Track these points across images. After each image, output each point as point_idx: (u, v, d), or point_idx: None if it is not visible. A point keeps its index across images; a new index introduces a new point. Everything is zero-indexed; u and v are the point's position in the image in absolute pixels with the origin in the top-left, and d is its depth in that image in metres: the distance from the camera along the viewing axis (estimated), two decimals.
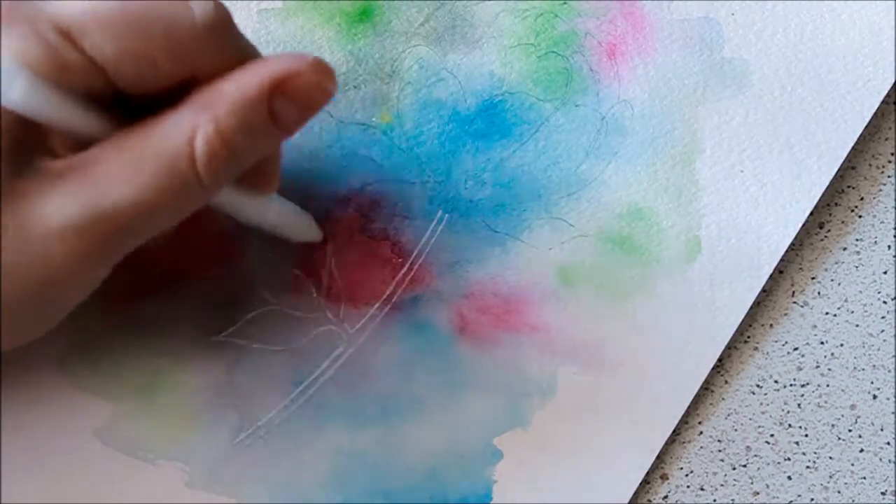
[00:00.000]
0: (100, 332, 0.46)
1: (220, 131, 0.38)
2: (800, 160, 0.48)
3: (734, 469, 0.46)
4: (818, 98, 0.48)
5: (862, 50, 0.49)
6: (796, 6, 0.49)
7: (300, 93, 0.39)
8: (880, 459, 0.46)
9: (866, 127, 0.48)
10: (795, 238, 0.47)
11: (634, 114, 0.48)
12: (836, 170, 0.48)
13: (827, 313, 0.48)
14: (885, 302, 0.48)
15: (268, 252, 0.46)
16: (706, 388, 0.46)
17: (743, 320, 0.46)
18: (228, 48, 0.39)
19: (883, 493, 0.46)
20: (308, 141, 0.47)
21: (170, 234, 0.44)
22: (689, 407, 0.46)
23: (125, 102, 0.39)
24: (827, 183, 0.48)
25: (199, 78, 0.39)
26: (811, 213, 0.47)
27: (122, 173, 0.37)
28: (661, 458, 0.45)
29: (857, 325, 0.47)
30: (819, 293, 0.48)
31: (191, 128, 0.38)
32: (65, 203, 0.37)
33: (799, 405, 0.47)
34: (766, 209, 0.47)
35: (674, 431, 0.46)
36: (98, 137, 0.38)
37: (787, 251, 0.47)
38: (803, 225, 0.47)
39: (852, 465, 0.46)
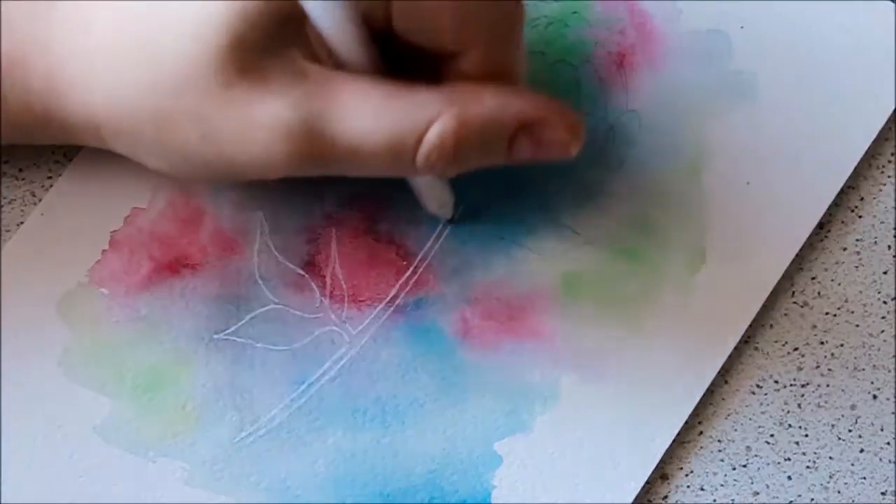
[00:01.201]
0: (101, 328, 0.46)
1: (458, 132, 0.39)
2: (806, 174, 0.48)
3: (734, 469, 0.46)
4: (825, 112, 0.48)
5: (869, 64, 0.49)
6: (805, 20, 0.49)
7: (545, 141, 0.41)
8: (880, 459, 0.46)
9: None
10: None
11: (642, 124, 0.48)
12: (842, 184, 0.48)
13: (827, 313, 0.48)
14: (885, 302, 0.48)
15: (271, 251, 0.46)
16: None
17: None
18: (510, 49, 0.41)
19: (883, 494, 0.46)
20: None
21: None
22: None
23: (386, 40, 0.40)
24: (833, 196, 0.48)
25: (461, 61, 0.40)
26: None
27: (356, 112, 0.38)
28: (660, 459, 0.45)
29: (857, 325, 0.47)
30: (819, 293, 0.48)
31: (437, 112, 0.39)
32: (298, 104, 0.38)
33: (799, 405, 0.47)
34: (772, 222, 0.47)
35: (675, 435, 0.46)
36: (353, 65, 0.39)
37: None
38: None
39: (852, 465, 0.46)
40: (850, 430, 0.47)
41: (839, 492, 0.46)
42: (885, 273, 0.48)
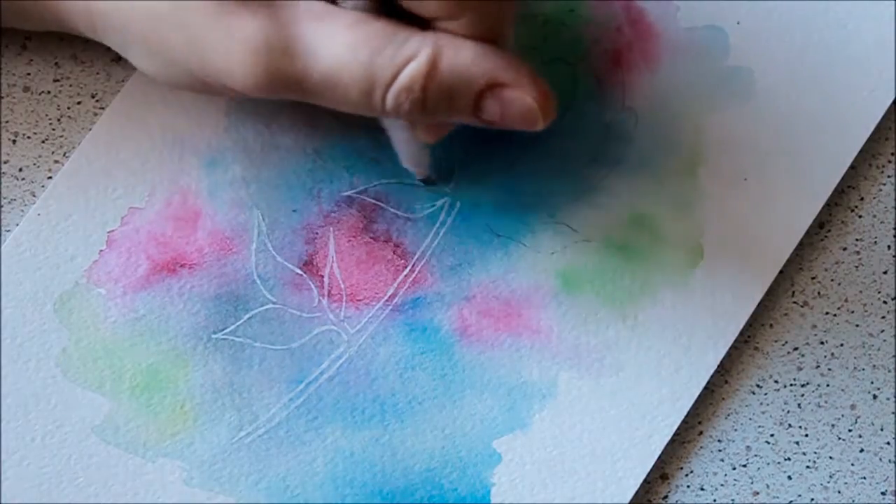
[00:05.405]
0: (99, 328, 0.46)
1: (429, 75, 0.39)
2: (803, 169, 0.48)
3: (734, 469, 0.46)
4: (822, 107, 0.48)
5: (866, 59, 0.49)
6: (802, 15, 0.49)
7: (511, 105, 0.41)
8: (880, 459, 0.46)
9: None
10: None
11: (639, 121, 0.48)
12: (839, 179, 0.48)
13: (827, 313, 0.48)
14: (885, 302, 0.48)
15: (269, 250, 0.46)
16: (706, 387, 0.46)
17: None
18: (500, 18, 0.40)
19: (883, 493, 0.46)
20: (312, 140, 0.47)
21: None
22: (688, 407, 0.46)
23: None
24: (830, 192, 0.48)
25: (450, 24, 0.40)
26: None
27: (335, 41, 0.39)
28: (661, 458, 0.45)
29: (857, 325, 0.47)
30: (819, 293, 0.48)
31: (413, 53, 0.39)
32: (270, 25, 0.40)
33: (799, 405, 0.47)
34: (769, 218, 0.48)
35: (673, 431, 0.46)
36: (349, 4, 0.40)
37: None
38: None
39: (852, 465, 0.46)
40: (850, 430, 0.47)
41: (839, 492, 0.46)
42: (885, 273, 0.48)
